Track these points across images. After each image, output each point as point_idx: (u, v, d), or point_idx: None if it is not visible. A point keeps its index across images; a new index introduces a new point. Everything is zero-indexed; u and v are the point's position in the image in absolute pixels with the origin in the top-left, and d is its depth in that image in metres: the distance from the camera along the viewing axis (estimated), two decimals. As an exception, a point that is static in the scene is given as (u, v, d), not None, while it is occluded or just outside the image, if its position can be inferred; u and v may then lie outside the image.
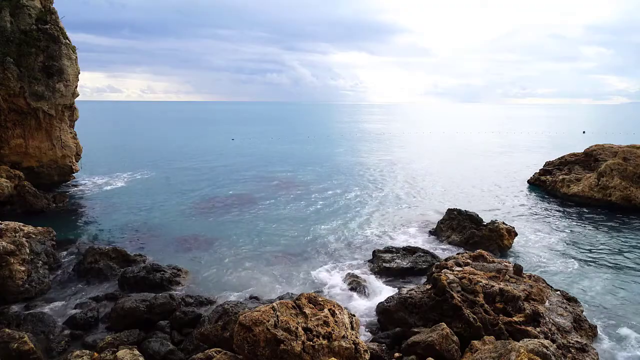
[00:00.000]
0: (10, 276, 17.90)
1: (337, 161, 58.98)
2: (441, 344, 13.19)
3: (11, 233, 19.74)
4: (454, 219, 26.89)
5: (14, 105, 33.84)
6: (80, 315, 16.46)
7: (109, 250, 22.00)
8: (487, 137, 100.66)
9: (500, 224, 25.14)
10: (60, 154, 37.14)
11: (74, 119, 39.61)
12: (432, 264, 20.64)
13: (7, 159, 34.37)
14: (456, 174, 48.72)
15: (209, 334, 13.97)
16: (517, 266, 17.50)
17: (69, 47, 36.10)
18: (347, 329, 12.36)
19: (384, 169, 52.34)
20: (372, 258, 22.47)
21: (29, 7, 34.14)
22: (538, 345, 11.64)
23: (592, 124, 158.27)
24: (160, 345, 14.24)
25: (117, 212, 32.08)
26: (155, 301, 16.69)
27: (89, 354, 13.08)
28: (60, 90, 35.28)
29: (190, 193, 38.63)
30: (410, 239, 26.70)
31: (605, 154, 38.22)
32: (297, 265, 22.46)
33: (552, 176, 40.33)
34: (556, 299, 16.24)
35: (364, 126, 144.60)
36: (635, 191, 32.84)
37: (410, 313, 15.66)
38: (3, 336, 13.51)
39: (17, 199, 31.17)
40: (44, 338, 15.13)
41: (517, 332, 13.83)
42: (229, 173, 48.90)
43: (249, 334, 11.62)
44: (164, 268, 20.49)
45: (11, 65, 32.54)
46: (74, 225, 28.87)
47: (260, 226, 28.88)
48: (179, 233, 27.24)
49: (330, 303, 13.09)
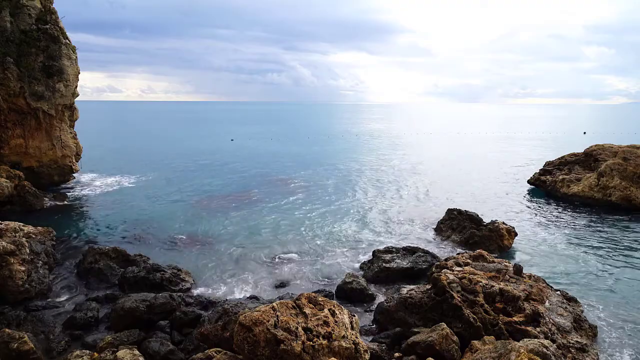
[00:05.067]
0: (10, 276, 17.88)
1: (336, 161, 58.97)
2: (441, 344, 13.18)
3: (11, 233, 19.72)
4: (454, 219, 26.89)
5: (14, 105, 33.85)
6: (80, 316, 16.45)
7: (109, 250, 22.00)
8: (487, 137, 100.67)
9: (500, 224, 25.14)
10: (60, 154, 37.14)
11: (74, 119, 39.63)
12: (432, 264, 20.64)
13: (7, 159, 34.38)
14: (456, 174, 48.73)
15: (209, 334, 13.96)
16: (517, 266, 17.50)
17: (68, 47, 36.12)
18: (347, 329, 12.35)
19: (384, 169, 52.35)
20: (372, 258, 22.46)
21: (29, 7, 34.15)
22: (538, 345, 11.64)
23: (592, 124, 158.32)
24: (160, 345, 14.23)
25: (117, 212, 32.09)
26: (155, 301, 16.67)
27: (89, 354, 13.07)
28: (60, 90, 35.29)
29: (190, 193, 38.64)
30: (410, 238, 26.71)
31: (605, 154, 38.20)
32: (297, 265, 22.48)
33: (552, 176, 40.32)
34: (556, 299, 16.24)
35: (363, 126, 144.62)
36: (635, 191, 32.83)
37: (410, 313, 15.65)
38: (3, 336, 13.50)
39: (17, 199, 31.18)
40: (44, 338, 15.13)
41: (517, 332, 13.82)
42: (228, 173, 48.91)
43: (249, 334, 11.61)
44: (164, 268, 20.48)
45: (11, 65, 32.55)
46: (74, 226, 28.87)
47: (260, 226, 28.88)
48: (179, 233, 27.25)
49: (330, 303, 13.09)
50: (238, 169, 51.79)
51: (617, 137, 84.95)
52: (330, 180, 45.21)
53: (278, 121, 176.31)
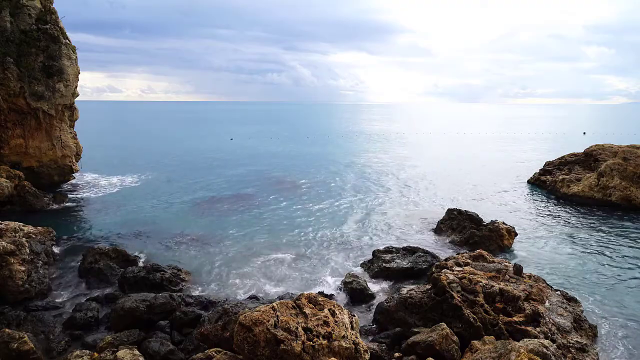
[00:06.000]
0: (10, 276, 17.89)
1: (336, 161, 58.95)
2: (441, 344, 13.19)
3: (11, 233, 19.74)
4: (454, 219, 26.89)
5: (14, 105, 33.85)
6: (80, 316, 16.46)
7: (109, 250, 22.00)
8: (487, 137, 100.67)
9: (500, 224, 25.14)
10: (60, 154, 37.14)
11: (74, 119, 39.62)
12: (432, 264, 20.64)
13: (7, 159, 34.37)
14: (456, 174, 48.70)
15: (209, 334, 13.96)
16: (517, 266, 17.50)
17: (68, 47, 36.12)
18: (347, 329, 12.35)
19: (384, 169, 52.34)
20: (372, 258, 22.47)
21: (29, 7, 34.15)
22: (538, 345, 11.64)
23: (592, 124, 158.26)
24: (160, 345, 14.23)
25: (117, 212, 32.09)
26: (155, 301, 16.68)
27: (89, 354, 13.08)
28: (60, 90, 35.29)
29: (190, 193, 38.64)
30: (410, 239, 26.70)
31: (605, 154, 38.21)
32: (297, 265, 22.47)
33: (552, 176, 40.33)
34: (556, 299, 16.24)
35: (364, 126, 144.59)
36: (635, 191, 32.84)
37: (410, 313, 15.66)
38: (3, 336, 13.51)
39: (17, 199, 31.18)
40: (44, 338, 15.13)
41: (517, 332, 13.83)
42: (228, 173, 48.90)
43: (249, 334, 11.61)
44: (164, 268, 20.49)
45: (11, 65, 32.55)
46: (74, 225, 28.86)
47: (259, 226, 28.87)
48: (179, 233, 27.24)
49: (330, 303, 13.09)
50: (238, 169, 51.76)
51: (617, 137, 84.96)
52: (330, 180, 45.21)
53: (278, 121, 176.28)
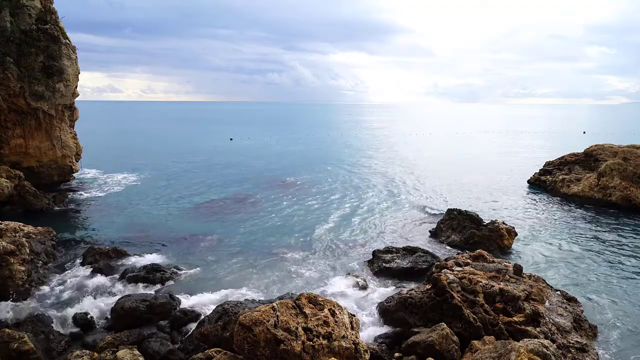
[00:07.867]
0: (10, 276, 17.89)
1: (336, 161, 58.96)
2: (441, 344, 13.19)
3: (11, 233, 19.74)
4: (454, 219, 26.88)
5: (14, 105, 33.86)
6: (80, 315, 16.47)
7: (109, 250, 22.00)
8: (487, 137, 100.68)
9: (500, 224, 25.14)
10: (60, 154, 37.15)
11: (74, 119, 39.64)
12: (432, 264, 20.63)
13: (7, 159, 34.39)
14: (456, 174, 48.70)
15: (209, 334, 13.97)
16: (517, 266, 17.50)
17: (68, 47, 36.13)
18: (347, 329, 12.35)
19: (384, 169, 52.34)
20: (372, 258, 22.46)
21: (29, 7, 34.17)
22: (538, 345, 11.64)
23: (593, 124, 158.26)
24: (160, 345, 14.24)
25: (117, 212, 32.08)
26: (155, 301, 16.70)
27: (89, 354, 13.08)
28: (60, 90, 35.30)
29: (190, 193, 38.64)
30: (410, 239, 26.70)
31: (605, 154, 38.21)
32: (297, 265, 22.45)
33: (552, 176, 40.33)
34: (556, 299, 16.25)
35: (364, 126, 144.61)
36: (635, 191, 32.83)
37: (410, 313, 15.65)
38: (3, 336, 13.50)
39: (17, 199, 31.17)
40: (44, 338, 15.11)
41: (517, 332, 13.83)
42: (228, 173, 48.89)
43: (249, 334, 11.61)
44: (164, 268, 20.50)
45: (11, 65, 32.56)
46: (74, 225, 28.86)
47: (259, 226, 28.87)
48: (178, 233, 27.23)
49: (330, 303, 13.09)
50: (238, 169, 51.76)
51: (617, 137, 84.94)
52: (330, 180, 45.21)
53: (278, 121, 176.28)
